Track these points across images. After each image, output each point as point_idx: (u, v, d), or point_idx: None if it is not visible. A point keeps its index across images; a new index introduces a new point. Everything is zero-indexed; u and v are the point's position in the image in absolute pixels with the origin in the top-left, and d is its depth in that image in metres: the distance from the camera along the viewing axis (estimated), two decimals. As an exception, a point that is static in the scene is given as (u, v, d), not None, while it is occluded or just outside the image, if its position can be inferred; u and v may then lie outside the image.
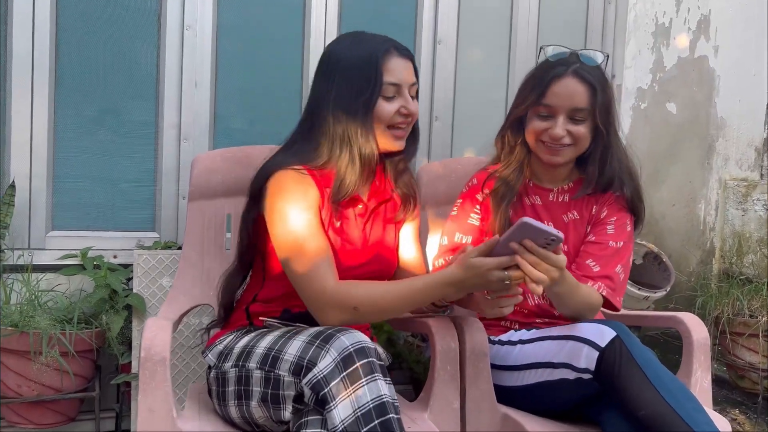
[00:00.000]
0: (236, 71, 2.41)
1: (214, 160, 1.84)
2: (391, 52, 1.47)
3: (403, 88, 1.48)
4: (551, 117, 1.57)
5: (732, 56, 3.05)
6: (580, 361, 1.37)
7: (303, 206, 1.40)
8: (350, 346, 1.19)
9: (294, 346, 1.26)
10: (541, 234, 1.25)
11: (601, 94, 1.56)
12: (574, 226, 1.66)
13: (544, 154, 1.60)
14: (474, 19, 2.72)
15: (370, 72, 1.44)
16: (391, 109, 1.47)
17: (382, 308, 1.35)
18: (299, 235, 1.38)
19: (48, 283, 2.12)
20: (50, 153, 2.19)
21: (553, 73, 1.57)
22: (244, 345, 1.38)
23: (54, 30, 2.17)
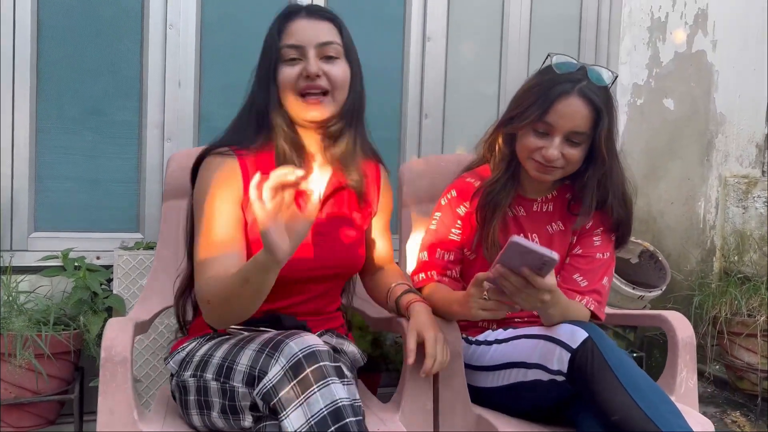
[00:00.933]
0: (221, 69, 2.38)
1: (189, 158, 1.77)
2: (297, 15, 1.39)
3: (306, 49, 1.36)
4: (547, 135, 1.47)
5: (731, 51, 2.98)
6: (552, 363, 1.32)
7: (220, 195, 1.34)
8: (299, 352, 1.14)
9: (246, 355, 1.22)
10: (534, 255, 1.21)
11: (605, 118, 1.45)
12: (559, 237, 1.62)
13: (534, 170, 1.52)
14: (464, 14, 2.68)
15: (270, 38, 1.39)
16: (292, 74, 1.36)
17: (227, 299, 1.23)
18: (208, 227, 1.32)
19: (30, 285, 2.10)
20: (32, 153, 2.18)
21: (559, 90, 1.45)
22: (202, 354, 1.34)
23: (36, 27, 2.15)
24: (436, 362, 1.38)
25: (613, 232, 1.59)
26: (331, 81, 1.37)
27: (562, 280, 1.55)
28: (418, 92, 2.61)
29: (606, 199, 1.55)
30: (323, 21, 1.39)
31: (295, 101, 1.37)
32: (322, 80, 1.36)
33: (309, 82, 1.35)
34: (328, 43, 1.37)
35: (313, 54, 1.36)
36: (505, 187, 1.56)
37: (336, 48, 1.39)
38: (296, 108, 1.37)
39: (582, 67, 1.48)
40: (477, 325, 1.61)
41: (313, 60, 1.36)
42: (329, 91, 1.38)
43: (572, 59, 1.50)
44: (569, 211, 1.61)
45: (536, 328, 1.44)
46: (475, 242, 1.58)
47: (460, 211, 1.61)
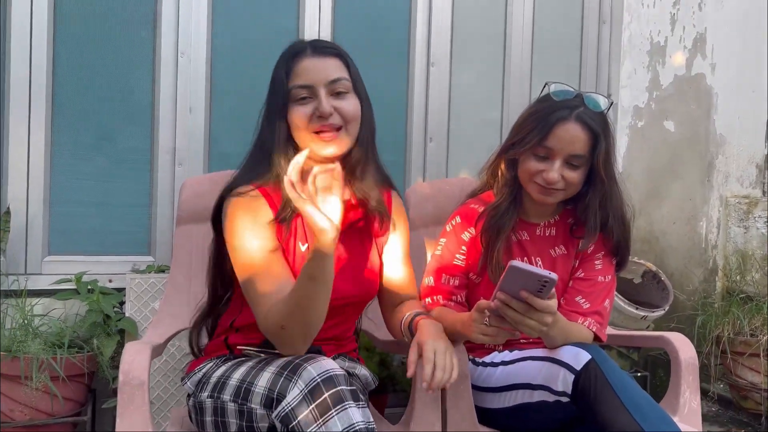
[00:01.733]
0: (230, 95, 2.45)
1: (202, 184, 1.85)
2: (303, 54, 1.39)
3: (317, 88, 1.37)
4: (548, 159, 1.53)
5: (730, 73, 3.03)
6: (557, 384, 1.36)
7: (255, 234, 1.36)
8: (317, 376, 1.17)
9: (264, 377, 1.25)
10: (533, 277, 1.24)
11: (602, 142, 1.51)
12: (562, 261, 1.66)
13: (536, 193, 1.58)
14: (467, 41, 2.74)
15: (279, 78, 1.39)
16: (304, 113, 1.37)
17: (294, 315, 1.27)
18: (253, 265, 1.34)
19: (44, 308, 2.15)
20: (47, 178, 2.23)
21: (557, 116, 1.51)
22: (219, 375, 1.37)
23: (51, 59, 2.22)
24: (437, 369, 1.33)
25: (614, 255, 1.64)
26: (344, 116, 1.39)
27: (565, 303, 1.59)
28: (422, 116, 2.67)
29: (607, 221, 1.60)
30: (330, 57, 1.40)
31: (311, 139, 1.38)
32: (335, 117, 1.38)
33: (322, 121, 1.37)
34: (337, 80, 1.38)
35: (323, 93, 1.37)
36: (508, 211, 1.61)
37: (345, 83, 1.40)
38: (312, 146, 1.37)
39: (579, 94, 1.54)
40: (483, 347, 1.64)
41: (325, 99, 1.37)
42: (342, 126, 1.39)
43: (569, 87, 1.56)
44: (572, 235, 1.65)
45: (541, 350, 1.47)
46: (480, 266, 1.61)
47: (464, 236, 1.65)
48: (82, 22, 2.26)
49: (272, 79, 1.43)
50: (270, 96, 1.43)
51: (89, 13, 2.27)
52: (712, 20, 2.99)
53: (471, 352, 1.62)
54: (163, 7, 2.32)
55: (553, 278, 1.23)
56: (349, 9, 2.57)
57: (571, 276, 1.65)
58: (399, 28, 2.66)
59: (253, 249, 1.35)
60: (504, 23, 2.79)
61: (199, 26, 2.36)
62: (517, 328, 1.31)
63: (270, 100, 1.43)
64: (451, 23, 2.70)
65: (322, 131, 1.38)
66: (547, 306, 1.28)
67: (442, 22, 2.68)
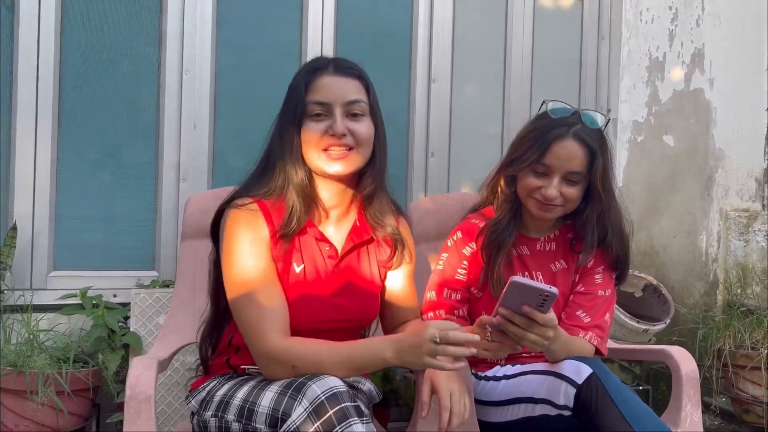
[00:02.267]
0: (234, 112, 2.47)
1: (206, 200, 1.87)
2: (324, 70, 1.38)
3: (333, 106, 1.36)
4: (546, 176, 1.56)
5: (728, 88, 3.06)
6: (559, 398, 1.37)
7: (250, 251, 1.34)
8: (321, 394, 1.17)
9: (267, 397, 1.25)
10: (534, 292, 1.25)
11: (599, 158, 1.54)
12: (562, 275, 1.68)
13: (535, 209, 1.60)
14: (468, 57, 2.77)
15: (296, 91, 1.38)
16: (317, 130, 1.35)
17: (323, 369, 1.26)
18: (245, 284, 1.33)
19: (49, 323, 2.17)
20: (53, 194, 2.25)
21: (554, 134, 1.54)
22: (223, 394, 1.37)
23: (57, 75, 2.25)
24: (454, 416, 1.34)
25: (614, 269, 1.66)
26: (356, 138, 1.38)
27: (566, 317, 1.61)
28: (424, 132, 2.69)
29: (605, 235, 1.62)
30: (351, 78, 1.39)
31: (318, 155, 1.37)
32: (348, 138, 1.37)
33: (334, 139, 1.36)
34: (354, 101, 1.37)
35: (339, 112, 1.36)
36: (508, 227, 1.63)
37: (362, 106, 1.39)
38: (319, 161, 1.37)
39: (576, 111, 1.57)
40: (486, 361, 1.66)
41: (340, 119, 1.35)
42: (354, 147, 1.38)
43: (566, 104, 1.59)
44: (571, 250, 1.67)
45: (543, 364, 1.49)
46: (482, 280, 1.63)
47: (465, 251, 1.67)
48: (88, 40, 2.29)
49: (289, 91, 1.42)
50: (285, 107, 1.41)
51: (95, 31, 2.30)
52: (709, 36, 3.03)
53: (473, 366, 1.64)
54: (167, 24, 2.35)
55: (554, 292, 1.25)
56: (352, 26, 2.60)
57: (571, 290, 1.66)
58: (400, 45, 2.69)
59: (245, 267, 1.34)
60: (504, 39, 2.83)
61: (203, 44, 2.39)
62: (519, 342, 1.32)
63: (284, 111, 1.41)
64: (452, 39, 2.73)
65: (332, 148, 1.36)
66: (549, 320, 1.29)
67: (443, 38, 2.71)
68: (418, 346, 1.20)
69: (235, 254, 1.36)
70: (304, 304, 1.39)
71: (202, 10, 2.39)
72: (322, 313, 1.42)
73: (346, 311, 1.45)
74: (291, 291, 1.39)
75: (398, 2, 2.69)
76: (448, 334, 1.19)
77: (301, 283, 1.40)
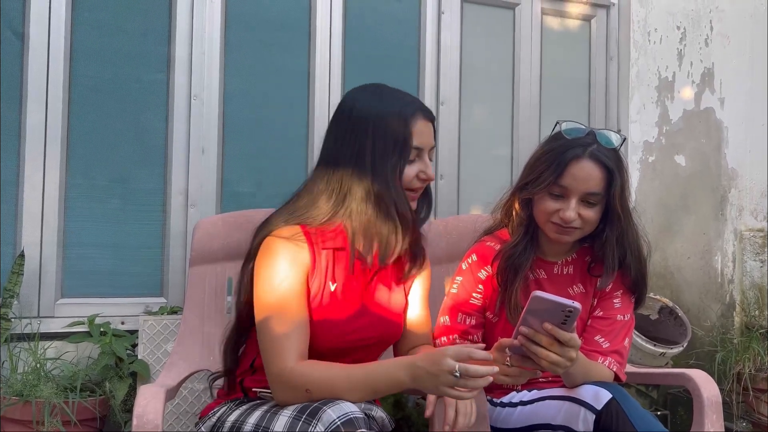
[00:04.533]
0: (243, 137, 2.47)
1: (215, 225, 1.86)
2: (418, 114, 1.43)
3: (423, 152, 1.44)
4: (563, 198, 1.52)
5: (738, 107, 3.04)
6: (578, 425, 1.33)
7: (284, 275, 1.36)
8: (337, 419, 1.16)
9: (281, 422, 1.23)
10: (557, 307, 1.22)
11: (617, 178, 1.51)
12: (580, 299, 1.61)
13: (553, 233, 1.57)
14: (476, 79, 2.77)
15: (398, 134, 1.39)
16: (411, 173, 1.42)
17: (337, 393, 1.26)
18: (273, 305, 1.35)
19: (56, 351, 2.14)
20: (61, 221, 2.24)
21: (571, 155, 1.51)
22: (234, 420, 1.35)
23: (67, 102, 2.26)
24: (459, 414, 1.34)
25: (632, 293, 1.62)
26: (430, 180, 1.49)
27: (585, 342, 1.56)
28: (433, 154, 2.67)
29: (624, 257, 1.58)
30: (431, 123, 1.47)
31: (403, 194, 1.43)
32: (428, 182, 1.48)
33: (423, 183, 1.46)
34: (434, 146, 1.48)
35: (427, 156, 1.46)
36: (525, 251, 1.59)
37: (434, 149, 1.50)
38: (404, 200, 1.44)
39: (591, 131, 1.54)
40: (502, 387, 1.62)
41: (429, 164, 1.46)
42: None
43: (580, 124, 1.56)
44: (590, 273, 1.63)
45: (560, 390, 1.45)
46: (498, 305, 1.60)
47: (481, 275, 1.63)
48: (97, 65, 2.30)
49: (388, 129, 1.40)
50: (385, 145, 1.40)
51: (104, 56, 2.31)
52: (719, 55, 3.01)
53: (489, 392, 1.59)
54: (176, 50, 2.36)
55: (577, 307, 1.21)
56: (359, 50, 2.61)
57: (589, 315, 1.63)
58: (408, 68, 2.69)
59: (277, 290, 1.36)
60: (512, 61, 2.83)
61: (211, 69, 2.40)
62: (540, 364, 1.28)
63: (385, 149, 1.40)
64: (460, 62, 2.73)
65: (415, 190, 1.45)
66: (571, 339, 1.26)
67: (451, 61, 2.71)
68: (436, 376, 1.19)
69: (264, 279, 1.38)
70: (335, 321, 1.40)
71: (211, 35, 2.40)
72: (352, 331, 1.43)
73: (374, 328, 1.46)
74: (325, 308, 1.40)
75: (405, 26, 2.69)
76: (468, 368, 1.16)
77: (334, 301, 1.42)
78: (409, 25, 2.70)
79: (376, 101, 1.43)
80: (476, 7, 2.79)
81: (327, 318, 1.40)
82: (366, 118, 1.41)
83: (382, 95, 1.45)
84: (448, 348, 1.20)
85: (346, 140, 1.42)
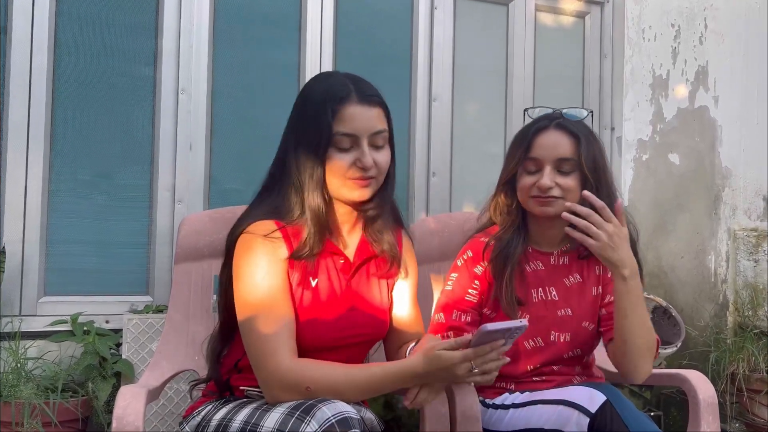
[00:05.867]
0: (231, 133, 2.42)
1: (201, 221, 1.82)
2: (349, 99, 1.33)
3: (360, 138, 1.34)
4: (539, 171, 1.56)
5: (733, 106, 3.02)
6: (571, 427, 1.31)
7: (266, 271, 1.32)
8: (332, 417, 1.13)
9: (272, 418, 1.20)
10: (506, 333, 1.21)
11: (585, 144, 1.55)
12: (576, 290, 1.63)
13: (536, 206, 1.57)
14: (469, 76, 2.73)
15: (320, 121, 1.32)
16: (344, 163, 1.34)
17: (339, 392, 1.24)
18: (257, 303, 1.30)
19: (38, 350, 2.09)
20: (44, 218, 2.19)
21: (536, 127, 1.59)
22: (221, 418, 1.31)
23: (50, 96, 2.20)
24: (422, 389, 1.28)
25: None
26: (379, 168, 1.38)
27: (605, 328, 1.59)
28: (425, 151, 2.64)
29: None
30: (374, 107, 1.36)
31: (343, 183, 1.36)
32: (372, 170, 1.36)
33: (361, 172, 1.35)
34: (379, 132, 1.36)
35: (365, 144, 1.35)
36: (513, 239, 1.59)
37: (384, 136, 1.38)
38: (343, 189, 1.37)
39: (556, 110, 1.62)
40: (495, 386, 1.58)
41: (368, 151, 1.35)
42: (375, 176, 1.38)
43: (548, 108, 1.64)
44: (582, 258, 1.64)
45: (553, 392, 1.42)
46: (493, 298, 1.58)
47: (477, 270, 1.61)
48: (82, 59, 2.24)
49: (311, 118, 1.35)
50: (306, 134, 1.36)
51: (89, 49, 2.25)
52: (713, 53, 3.00)
53: (481, 393, 1.56)
54: (163, 43, 2.31)
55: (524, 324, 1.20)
56: (351, 45, 2.56)
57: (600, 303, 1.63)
58: (400, 64, 2.65)
59: (257, 288, 1.32)
60: (505, 58, 2.79)
61: (199, 63, 2.35)
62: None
63: (306, 138, 1.35)
64: (453, 58, 2.69)
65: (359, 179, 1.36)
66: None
67: (444, 57, 2.67)
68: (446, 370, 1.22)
69: (244, 276, 1.34)
70: (319, 319, 1.37)
71: (199, 29, 2.35)
72: (337, 329, 1.39)
73: (359, 326, 1.43)
74: (306, 307, 1.37)
75: (398, 21, 2.65)
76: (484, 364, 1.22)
77: (316, 298, 1.38)
78: (402, 21, 2.66)
79: (312, 87, 1.40)
80: (469, 3, 2.76)
81: (310, 314, 1.36)
82: (302, 105, 1.39)
83: (324, 80, 1.41)
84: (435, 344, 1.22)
85: (289, 131, 1.41)
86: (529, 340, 1.59)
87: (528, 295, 1.60)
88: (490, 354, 1.21)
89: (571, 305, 1.61)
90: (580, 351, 1.62)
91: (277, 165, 1.42)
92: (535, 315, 1.59)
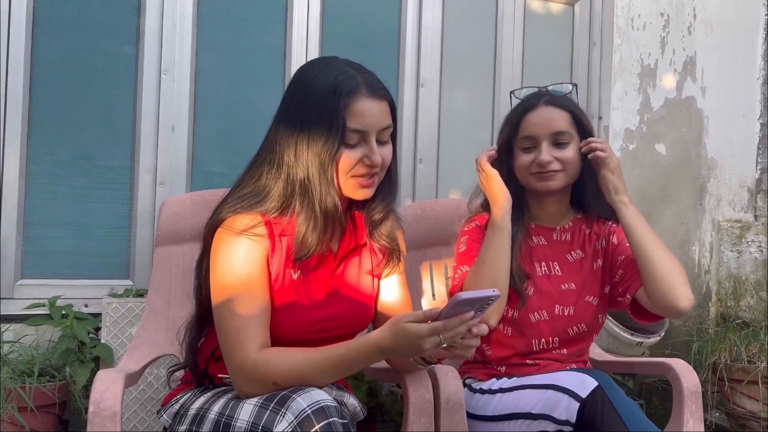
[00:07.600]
0: (215, 115, 2.38)
1: (183, 204, 1.78)
2: (359, 92, 1.26)
3: (369, 134, 1.27)
4: (535, 148, 1.57)
5: (720, 97, 3.02)
6: (560, 413, 1.29)
7: (240, 266, 1.26)
8: (307, 407, 1.10)
9: (246, 410, 1.16)
10: (478, 302, 1.15)
11: (579, 116, 1.59)
12: (578, 265, 1.65)
13: (537, 182, 1.58)
14: (457, 62, 2.70)
15: (331, 115, 1.24)
16: (353, 159, 1.27)
17: (305, 380, 1.19)
18: (228, 296, 1.25)
19: (15, 334, 2.04)
20: (21, 199, 2.14)
21: (525, 106, 1.60)
22: (198, 407, 1.28)
23: (28, 75, 2.15)
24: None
25: None
26: (384, 165, 1.33)
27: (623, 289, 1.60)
28: (412, 137, 2.62)
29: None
30: (383, 101, 1.30)
31: (346, 180, 1.30)
32: (378, 167, 1.31)
33: (368, 169, 1.29)
34: (387, 127, 1.31)
35: (374, 140, 1.28)
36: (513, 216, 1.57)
37: (389, 131, 1.33)
38: (347, 186, 1.31)
39: (542, 88, 1.64)
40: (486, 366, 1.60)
41: (376, 149, 1.28)
42: (378, 173, 1.33)
43: (533, 87, 1.66)
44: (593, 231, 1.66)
45: (542, 377, 1.41)
46: None
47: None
48: (61, 36, 2.19)
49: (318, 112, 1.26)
50: (312, 129, 1.26)
51: (69, 26, 2.20)
52: (701, 43, 2.99)
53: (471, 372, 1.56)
54: (146, 22, 2.26)
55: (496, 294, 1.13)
56: (338, 29, 2.52)
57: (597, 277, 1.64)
58: (388, 49, 2.61)
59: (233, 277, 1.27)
60: (494, 44, 2.76)
61: (183, 43, 2.30)
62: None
63: (312, 133, 1.26)
64: (441, 44, 2.66)
65: (363, 176, 1.30)
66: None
67: (432, 43, 2.64)
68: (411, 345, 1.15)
69: (220, 264, 1.28)
70: (299, 310, 1.32)
71: (183, 7, 2.30)
72: (318, 321, 1.35)
73: (340, 318, 1.38)
74: (286, 297, 1.32)
75: (386, 5, 2.62)
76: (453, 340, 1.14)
77: (298, 290, 1.33)
78: (390, 4, 2.62)
79: (317, 76, 1.28)
80: (459, -12, 2.73)
81: (289, 307, 1.31)
82: (302, 95, 1.28)
83: (327, 69, 1.29)
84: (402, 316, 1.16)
85: (287, 119, 1.30)
86: (534, 313, 1.58)
87: (533, 268, 1.61)
88: (459, 327, 1.13)
89: (574, 280, 1.62)
90: (585, 327, 1.61)
91: (264, 154, 1.33)
92: (540, 288, 1.60)
